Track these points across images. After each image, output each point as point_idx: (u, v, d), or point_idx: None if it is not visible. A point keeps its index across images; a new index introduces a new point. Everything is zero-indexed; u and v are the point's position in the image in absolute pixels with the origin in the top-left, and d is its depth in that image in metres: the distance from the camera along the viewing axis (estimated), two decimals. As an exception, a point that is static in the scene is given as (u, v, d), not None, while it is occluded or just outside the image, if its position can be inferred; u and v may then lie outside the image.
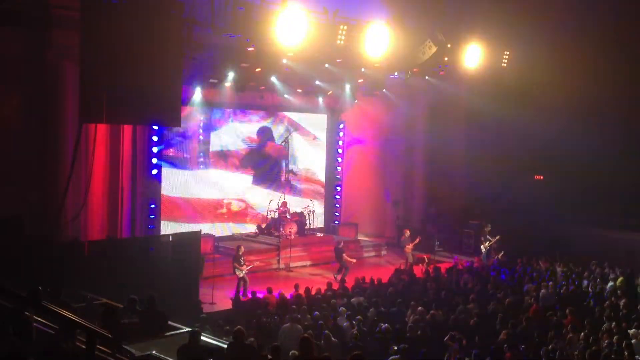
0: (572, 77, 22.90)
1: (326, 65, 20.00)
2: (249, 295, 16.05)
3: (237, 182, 23.41)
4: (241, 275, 17.53)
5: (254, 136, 23.91)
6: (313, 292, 15.42)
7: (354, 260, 20.30)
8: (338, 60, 19.81)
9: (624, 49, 22.88)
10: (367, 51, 18.58)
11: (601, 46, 22.64)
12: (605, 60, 22.65)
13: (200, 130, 22.37)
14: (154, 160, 20.02)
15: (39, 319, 8.31)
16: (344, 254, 19.99)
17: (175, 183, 21.53)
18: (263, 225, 23.17)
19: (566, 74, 22.96)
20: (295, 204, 24.07)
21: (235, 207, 23.41)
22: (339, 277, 19.00)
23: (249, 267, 17.79)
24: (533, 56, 22.72)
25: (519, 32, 22.08)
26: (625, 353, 11.69)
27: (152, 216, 19.89)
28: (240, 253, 17.82)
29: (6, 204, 15.04)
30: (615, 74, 22.76)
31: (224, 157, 23.01)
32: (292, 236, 21.52)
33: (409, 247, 21.47)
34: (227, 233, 22.79)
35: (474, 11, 22.89)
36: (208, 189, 22.56)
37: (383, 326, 12.40)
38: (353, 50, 18.40)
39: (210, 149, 22.64)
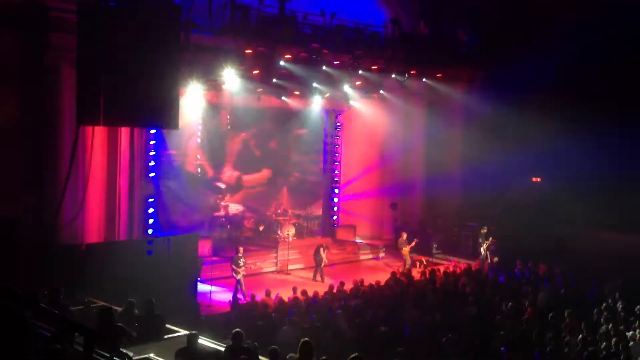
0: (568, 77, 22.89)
1: (323, 68, 20.02)
2: (247, 298, 16.04)
3: (236, 184, 23.41)
4: (238, 277, 17.53)
5: (252, 139, 23.92)
6: (311, 295, 15.42)
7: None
8: (335, 63, 19.82)
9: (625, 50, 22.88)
10: (364, 53, 18.61)
11: (602, 47, 22.62)
12: (605, 61, 22.66)
13: (198, 133, 22.37)
14: (152, 163, 19.99)
15: (38, 322, 8.29)
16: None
17: (173, 185, 21.52)
18: (261, 228, 23.17)
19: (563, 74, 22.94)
20: (293, 206, 24.08)
21: (233, 209, 23.40)
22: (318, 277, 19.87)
23: (246, 269, 17.78)
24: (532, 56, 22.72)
25: (520, 32, 22.09)
26: (623, 355, 11.70)
27: (150, 219, 19.86)
28: (240, 255, 17.82)
29: (4, 205, 15.01)
30: (615, 74, 22.75)
31: (222, 159, 23.01)
32: (290, 239, 21.51)
33: (406, 250, 21.47)
34: (225, 236, 22.77)
35: (473, 10, 22.91)
36: (206, 191, 22.55)
37: (382, 329, 12.40)
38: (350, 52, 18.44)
39: (209, 151, 22.63)
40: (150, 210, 19.61)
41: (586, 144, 22.11)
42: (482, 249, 22.18)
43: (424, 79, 22.66)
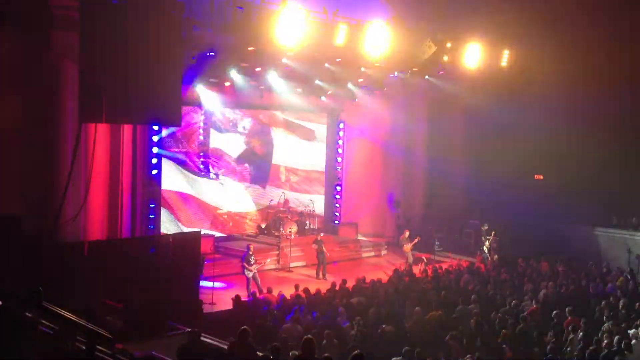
0: (572, 77, 22.85)
1: (326, 65, 19.98)
2: (249, 297, 16.07)
3: (237, 182, 23.40)
4: (250, 275, 17.53)
5: (254, 136, 23.91)
6: (313, 292, 15.42)
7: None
8: (338, 60, 19.79)
9: (625, 49, 22.82)
10: (367, 50, 18.56)
11: (603, 46, 22.58)
12: (606, 60, 22.61)
13: (200, 130, 22.37)
14: (154, 160, 19.99)
15: (40, 320, 8.29)
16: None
17: (174, 184, 21.52)
18: (263, 225, 23.16)
19: (566, 74, 22.91)
20: (295, 204, 24.07)
21: (235, 206, 23.39)
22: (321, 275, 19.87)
23: (258, 267, 17.81)
24: (533, 56, 22.69)
25: (520, 32, 22.05)
26: (625, 353, 11.69)
27: (152, 216, 19.86)
28: (251, 253, 17.82)
29: (6, 203, 15.02)
30: (615, 74, 22.71)
31: (223, 157, 23.00)
32: (292, 236, 21.50)
33: (407, 247, 21.45)
34: (227, 233, 22.77)
35: (474, 10, 22.85)
36: (208, 188, 22.54)
37: (384, 327, 12.40)
38: (353, 49, 18.38)
39: (210, 149, 22.62)
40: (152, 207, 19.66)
41: (590, 141, 22.12)
42: (484, 247, 22.16)
43: (426, 76, 22.58)
